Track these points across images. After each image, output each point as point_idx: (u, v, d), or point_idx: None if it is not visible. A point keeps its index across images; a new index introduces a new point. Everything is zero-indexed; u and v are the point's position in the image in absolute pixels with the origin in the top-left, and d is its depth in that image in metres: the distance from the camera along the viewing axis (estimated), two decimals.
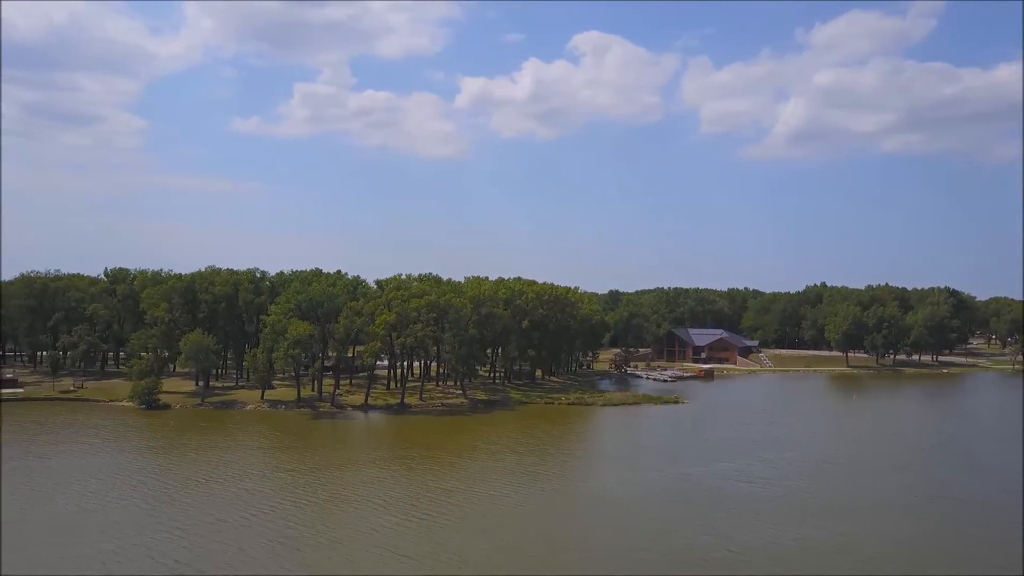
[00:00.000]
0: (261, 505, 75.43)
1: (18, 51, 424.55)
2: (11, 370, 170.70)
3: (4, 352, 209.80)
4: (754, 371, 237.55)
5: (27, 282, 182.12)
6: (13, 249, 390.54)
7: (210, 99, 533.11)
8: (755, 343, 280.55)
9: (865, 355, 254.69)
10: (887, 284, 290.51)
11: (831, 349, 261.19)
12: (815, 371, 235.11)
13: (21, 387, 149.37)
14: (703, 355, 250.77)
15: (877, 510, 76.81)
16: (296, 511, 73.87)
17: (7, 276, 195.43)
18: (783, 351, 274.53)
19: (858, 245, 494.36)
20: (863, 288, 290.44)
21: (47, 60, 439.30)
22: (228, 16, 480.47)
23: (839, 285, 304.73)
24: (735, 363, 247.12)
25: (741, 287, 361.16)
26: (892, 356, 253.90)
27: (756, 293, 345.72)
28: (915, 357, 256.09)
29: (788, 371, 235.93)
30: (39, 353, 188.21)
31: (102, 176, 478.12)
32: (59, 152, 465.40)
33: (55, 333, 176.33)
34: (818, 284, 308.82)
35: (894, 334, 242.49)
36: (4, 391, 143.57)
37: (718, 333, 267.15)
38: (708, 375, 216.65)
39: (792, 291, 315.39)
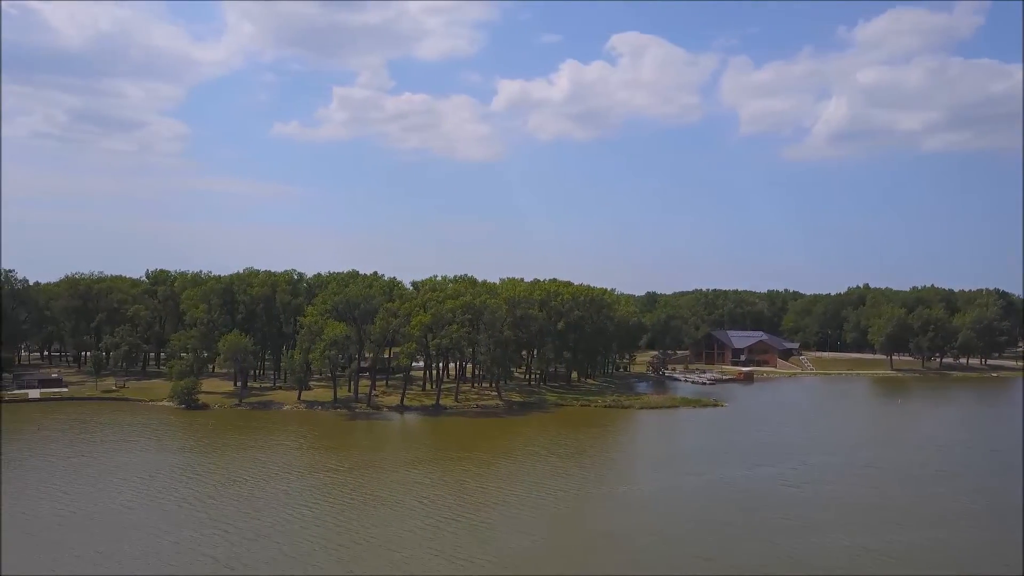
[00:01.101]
0: (301, 505, 75.42)
1: (65, 58, 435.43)
2: (56, 370, 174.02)
3: (50, 352, 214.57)
4: (795, 374, 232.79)
5: (71, 284, 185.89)
6: (57, 252, 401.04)
7: (250, 104, 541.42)
8: (795, 345, 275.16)
9: (910, 358, 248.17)
10: (933, 286, 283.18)
11: (874, 352, 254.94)
12: (858, 374, 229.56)
13: (65, 386, 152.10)
14: (742, 357, 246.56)
15: (931, 519, 74.01)
16: (336, 511, 73.69)
17: (52, 278, 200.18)
18: (824, 354, 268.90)
19: (901, 246, 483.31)
20: (908, 290, 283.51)
21: (93, 67, 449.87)
22: (268, 22, 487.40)
23: (882, 287, 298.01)
24: (775, 366, 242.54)
25: (781, 289, 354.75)
26: (939, 359, 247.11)
27: (796, 295, 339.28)
28: (962, 360, 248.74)
29: (830, 374, 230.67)
30: (83, 353, 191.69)
31: (144, 180, 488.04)
32: (102, 157, 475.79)
33: (98, 334, 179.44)
34: (860, 286, 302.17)
35: (940, 337, 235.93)
36: (49, 390, 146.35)
37: (758, 335, 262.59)
38: (748, 378, 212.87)
39: (833, 293, 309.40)
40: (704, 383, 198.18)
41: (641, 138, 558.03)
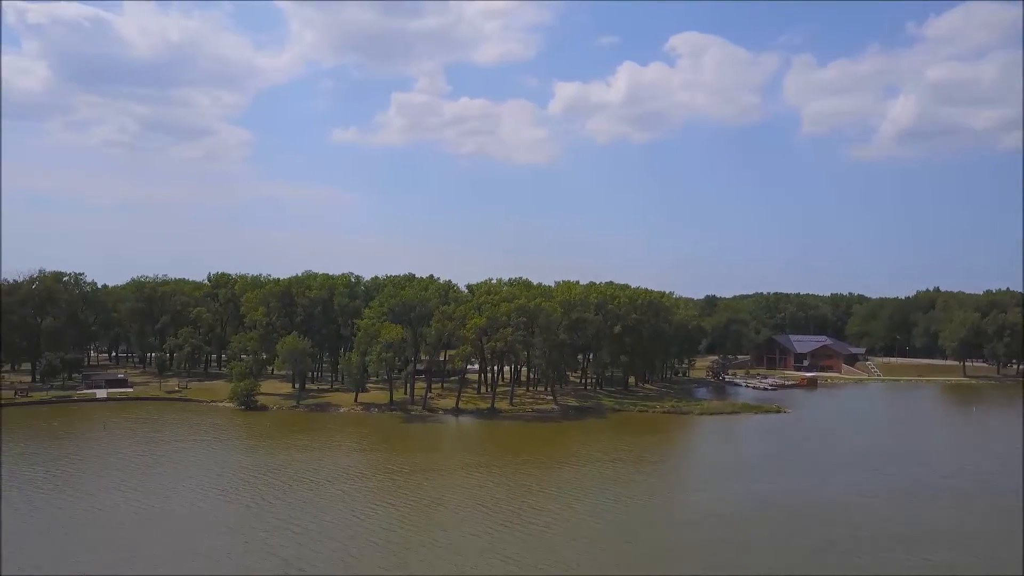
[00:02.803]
0: (366, 507, 75.23)
1: (136, 69, 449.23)
2: (123, 371, 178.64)
3: (117, 353, 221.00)
4: (861, 380, 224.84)
5: (137, 287, 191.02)
6: (125, 256, 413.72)
7: (311, 110, 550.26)
8: (862, 351, 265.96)
9: (984, 365, 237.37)
10: (1008, 289, 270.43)
11: (945, 358, 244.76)
12: (928, 381, 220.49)
13: (131, 387, 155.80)
14: (805, 363, 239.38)
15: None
16: (400, 514, 73.30)
17: (119, 281, 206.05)
18: (892, 359, 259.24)
19: (974, 248, 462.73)
20: (981, 293, 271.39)
21: (163, 77, 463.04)
22: (328, 29, 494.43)
23: (954, 290, 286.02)
24: (840, 372, 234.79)
25: (845, 292, 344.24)
26: (1016, 366, 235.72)
27: (861, 298, 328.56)
28: None
29: (898, 381, 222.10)
30: (148, 355, 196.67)
31: (209, 186, 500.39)
32: (170, 164, 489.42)
33: (162, 335, 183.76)
34: (931, 289, 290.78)
35: (1017, 342, 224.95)
36: (115, 391, 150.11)
37: (822, 340, 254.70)
38: (811, 384, 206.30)
39: (901, 296, 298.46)
40: (766, 389, 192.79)
41: (700, 140, 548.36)
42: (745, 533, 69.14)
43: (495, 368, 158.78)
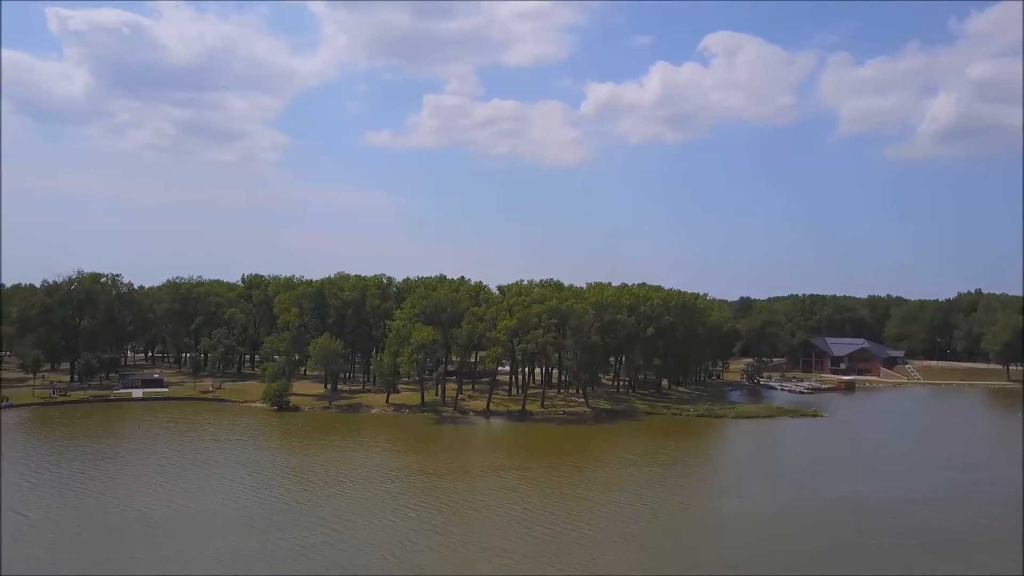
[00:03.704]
0: (402, 508, 75.07)
1: (174, 73, 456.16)
2: (158, 371, 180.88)
3: (153, 353, 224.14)
4: (900, 384, 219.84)
5: (173, 288, 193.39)
6: (161, 257, 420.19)
7: (344, 113, 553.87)
8: (900, 354, 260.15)
9: None
10: None
11: (988, 361, 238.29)
12: (971, 385, 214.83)
13: (166, 386, 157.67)
14: (842, 366, 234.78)
15: None
16: (438, 516, 73.06)
17: (155, 282, 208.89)
18: (932, 363, 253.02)
19: (1016, 249, 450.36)
20: None
21: (200, 81, 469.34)
22: (362, 32, 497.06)
23: (996, 292, 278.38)
24: (879, 375, 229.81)
25: (882, 294, 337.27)
26: None
27: (900, 300, 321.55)
28: None
29: (939, 384, 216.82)
30: (183, 355, 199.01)
31: (243, 188, 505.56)
32: (206, 167, 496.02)
33: (197, 336, 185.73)
34: (972, 291, 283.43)
35: None
36: (151, 390, 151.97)
37: (859, 343, 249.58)
38: (849, 387, 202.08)
39: (941, 298, 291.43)
40: (802, 392, 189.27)
41: (734, 140, 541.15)
42: (788, 539, 67.49)
43: (526, 370, 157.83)
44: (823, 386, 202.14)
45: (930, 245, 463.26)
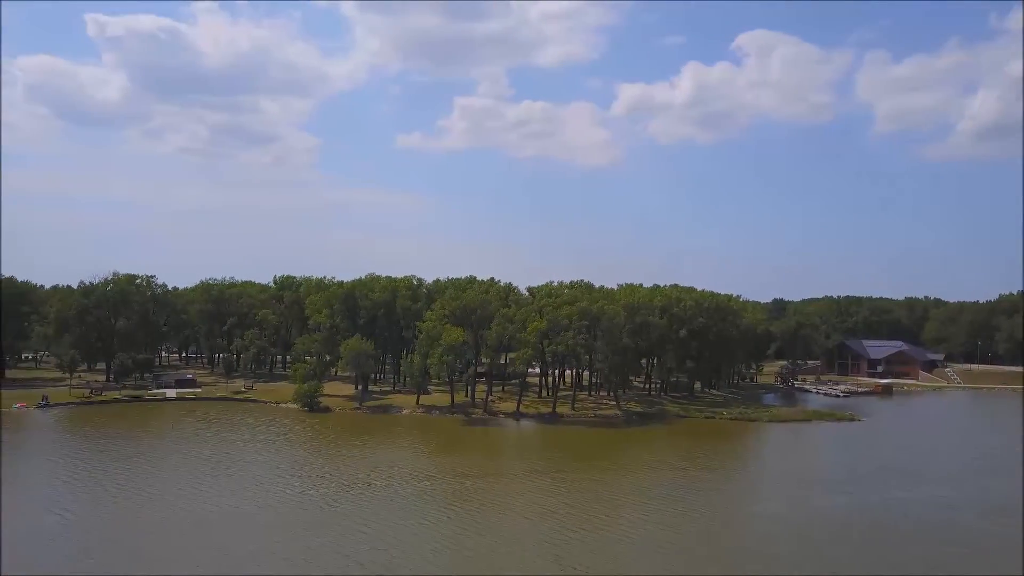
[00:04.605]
0: (438, 510, 74.67)
1: (208, 77, 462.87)
2: (191, 371, 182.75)
3: (187, 354, 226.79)
4: (940, 388, 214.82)
5: (205, 289, 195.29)
6: (195, 259, 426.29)
7: (376, 116, 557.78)
8: (940, 357, 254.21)
9: None
10: None
11: None
12: (1014, 389, 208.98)
13: (199, 387, 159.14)
14: (879, 369, 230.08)
15: None
16: (474, 518, 72.48)
17: (190, 283, 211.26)
18: (973, 366, 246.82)
19: None
20: None
21: (233, 85, 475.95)
22: (393, 35, 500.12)
23: None
24: (917, 378, 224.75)
25: (920, 295, 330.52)
26: None
27: (938, 302, 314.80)
28: None
29: (980, 389, 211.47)
30: (216, 355, 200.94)
31: (276, 191, 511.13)
32: (239, 170, 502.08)
33: (229, 337, 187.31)
34: (1015, 292, 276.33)
35: None
36: (184, 391, 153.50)
37: (897, 345, 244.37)
38: (886, 391, 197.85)
39: (982, 300, 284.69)
40: (838, 396, 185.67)
41: (767, 140, 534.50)
42: (827, 547, 65.65)
43: (556, 372, 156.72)
44: (859, 389, 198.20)
45: (969, 246, 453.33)
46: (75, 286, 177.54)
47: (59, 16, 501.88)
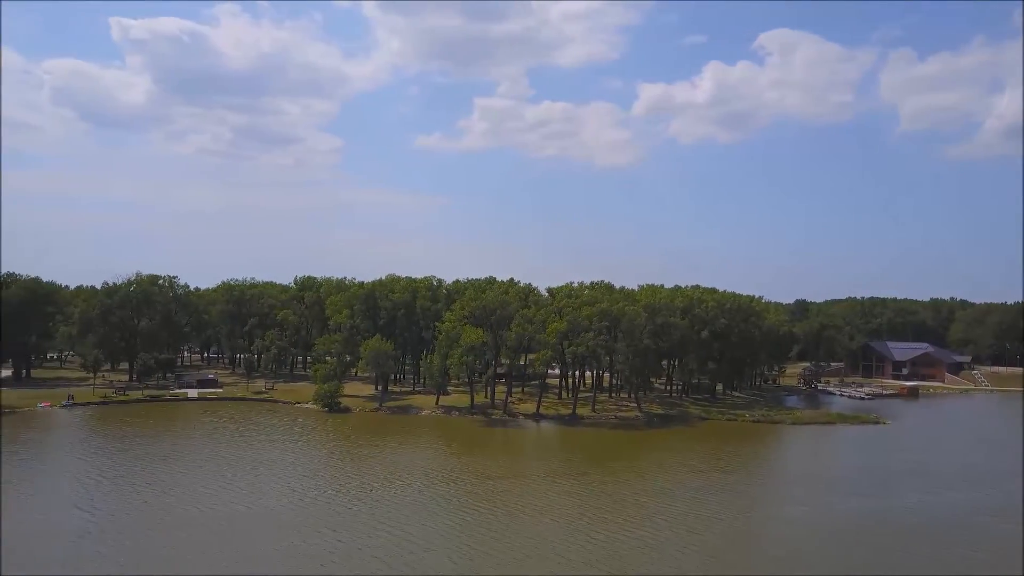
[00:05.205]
0: (460, 510, 74.83)
1: (231, 79, 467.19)
2: (212, 371, 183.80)
3: (209, 354, 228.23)
4: (967, 390, 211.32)
5: (227, 289, 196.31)
6: (216, 259, 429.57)
7: (396, 117, 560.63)
8: (967, 359, 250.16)
9: None
10: None
11: None
12: None
13: (220, 387, 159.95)
14: (904, 371, 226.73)
15: None
16: (497, 519, 72.27)
17: (210, 284, 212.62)
18: (1001, 369, 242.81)
19: None
20: None
21: (255, 86, 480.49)
22: (414, 36, 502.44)
23: None
24: (943, 381, 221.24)
25: (946, 297, 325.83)
26: None
27: (964, 304, 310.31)
28: None
29: (1008, 391, 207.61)
30: (237, 356, 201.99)
31: (297, 192, 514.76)
32: (261, 171, 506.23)
33: (250, 337, 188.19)
34: None
35: None
36: (206, 391, 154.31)
37: (922, 347, 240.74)
38: (912, 393, 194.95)
39: (1010, 301, 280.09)
40: (862, 398, 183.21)
41: (789, 139, 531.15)
42: (854, 552, 64.47)
43: (576, 373, 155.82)
44: (884, 392, 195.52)
45: (996, 246, 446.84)
46: (99, 287, 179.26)
47: (84, 19, 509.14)
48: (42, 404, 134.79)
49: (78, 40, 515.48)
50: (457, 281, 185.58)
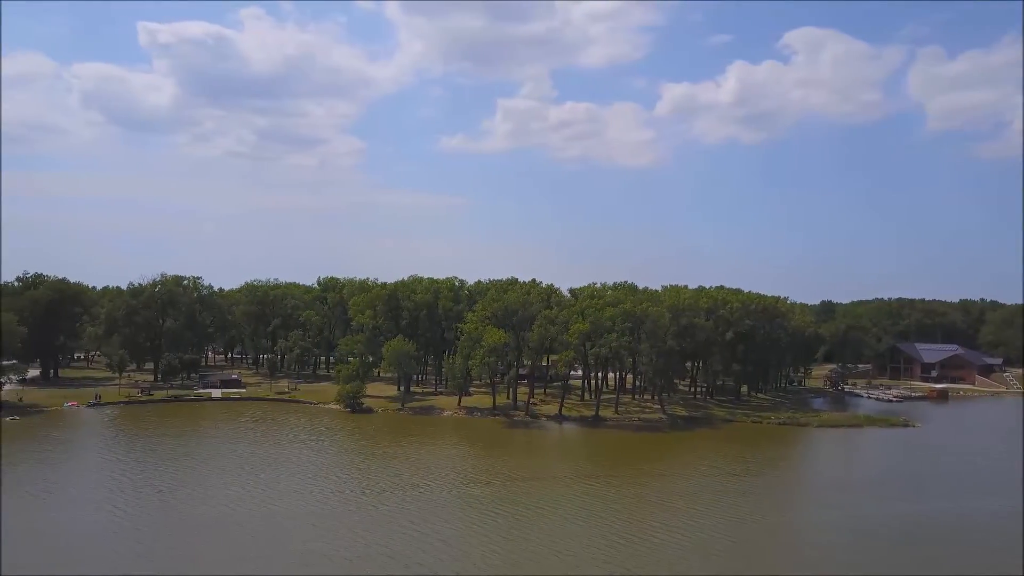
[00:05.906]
0: (486, 512, 74.54)
1: (255, 82, 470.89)
2: (236, 371, 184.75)
3: (232, 354, 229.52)
4: (998, 393, 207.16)
5: (250, 290, 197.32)
6: (240, 261, 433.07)
7: (419, 118, 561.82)
8: (998, 361, 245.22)
9: None
10: None
11: None
12: None
13: (244, 387, 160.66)
14: (933, 373, 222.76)
15: None
16: (523, 521, 71.93)
17: (234, 285, 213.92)
18: None
19: None
20: None
21: (280, 89, 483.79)
22: (437, 38, 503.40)
23: None
24: (974, 383, 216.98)
25: (975, 298, 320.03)
26: None
27: (995, 305, 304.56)
28: None
29: None
30: (261, 356, 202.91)
31: (321, 193, 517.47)
32: (285, 173, 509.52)
33: (273, 338, 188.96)
34: None
35: None
36: (229, 391, 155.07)
37: (952, 349, 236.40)
38: (942, 396, 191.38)
39: None
40: (890, 400, 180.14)
41: (815, 139, 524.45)
42: (885, 556, 63.18)
43: (599, 374, 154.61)
44: (913, 394, 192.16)
45: None
46: (124, 287, 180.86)
47: (112, 25, 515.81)
48: (69, 403, 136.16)
49: (107, 45, 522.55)
50: (479, 282, 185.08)
